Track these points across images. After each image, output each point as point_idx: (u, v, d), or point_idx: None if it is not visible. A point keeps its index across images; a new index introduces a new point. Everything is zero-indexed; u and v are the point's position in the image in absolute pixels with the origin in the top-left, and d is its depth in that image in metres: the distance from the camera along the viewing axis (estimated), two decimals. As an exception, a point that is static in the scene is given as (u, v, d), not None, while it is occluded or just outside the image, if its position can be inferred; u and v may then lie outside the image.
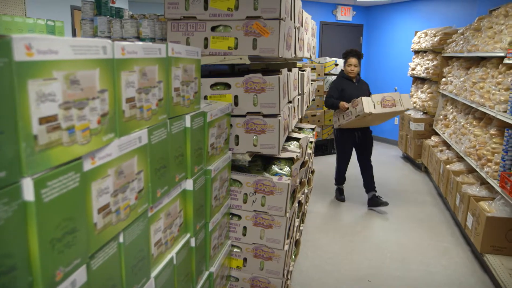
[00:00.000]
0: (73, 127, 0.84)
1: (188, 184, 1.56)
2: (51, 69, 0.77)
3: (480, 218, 3.28)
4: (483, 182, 3.90)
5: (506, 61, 3.37)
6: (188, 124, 1.51)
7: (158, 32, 2.42)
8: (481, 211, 3.28)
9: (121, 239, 1.09)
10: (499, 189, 3.23)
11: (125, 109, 1.06)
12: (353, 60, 4.43)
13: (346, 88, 4.48)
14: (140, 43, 1.14)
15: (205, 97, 2.09)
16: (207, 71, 2.77)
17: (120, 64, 1.02)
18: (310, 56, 3.78)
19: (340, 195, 4.87)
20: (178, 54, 1.40)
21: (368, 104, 3.95)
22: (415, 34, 7.10)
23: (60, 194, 0.81)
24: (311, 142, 3.60)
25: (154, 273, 1.30)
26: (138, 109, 1.14)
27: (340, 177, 4.83)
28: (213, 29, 2.09)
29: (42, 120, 0.75)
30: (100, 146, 0.95)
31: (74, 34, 6.32)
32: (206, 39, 2.09)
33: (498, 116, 3.40)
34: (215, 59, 2.06)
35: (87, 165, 0.91)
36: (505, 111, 3.36)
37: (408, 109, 4.11)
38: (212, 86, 2.08)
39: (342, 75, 4.64)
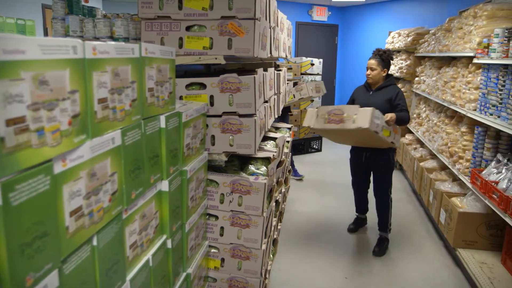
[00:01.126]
0: (42, 128, 0.82)
1: (164, 185, 1.55)
2: (18, 69, 0.75)
3: (453, 213, 3.37)
4: (455, 179, 4.00)
5: (475, 61, 3.47)
6: (163, 124, 1.49)
7: (132, 32, 2.39)
8: (453, 207, 3.37)
9: (94, 242, 1.07)
10: (470, 185, 3.33)
11: (97, 110, 1.04)
12: (370, 62, 3.48)
13: (357, 98, 3.60)
14: (113, 42, 1.12)
15: (181, 97, 2.07)
16: (183, 71, 2.75)
17: (91, 64, 1.00)
18: (286, 56, 3.79)
19: (350, 224, 4.06)
20: (152, 54, 1.39)
21: (311, 116, 3.19)
22: (389, 34, 7.23)
23: (29, 198, 0.80)
24: (287, 142, 3.62)
25: (129, 276, 1.29)
26: (111, 109, 1.12)
27: (355, 202, 4.03)
28: (188, 29, 2.07)
29: (9, 122, 0.73)
30: (71, 148, 0.93)
31: (46, 34, 6.18)
32: (181, 39, 2.08)
33: (469, 114, 3.50)
34: (190, 59, 2.05)
35: (58, 168, 0.89)
36: (475, 110, 3.46)
37: (361, 128, 2.88)
38: (187, 86, 2.07)
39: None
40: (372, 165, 3.58)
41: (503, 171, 2.90)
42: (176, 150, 1.65)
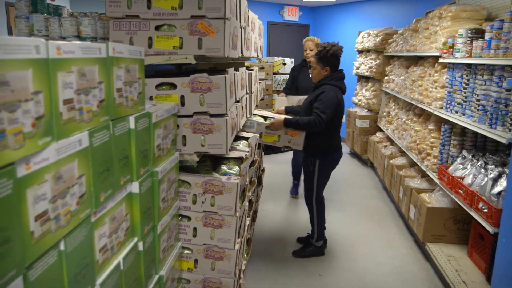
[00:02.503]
0: (4, 131, 0.80)
1: (134, 187, 1.52)
2: (-24, 70, 0.72)
3: (422, 209, 3.46)
4: (424, 175, 4.11)
5: (441, 60, 3.58)
6: (132, 125, 1.47)
7: (100, 31, 2.34)
8: (422, 203, 3.46)
9: (62, 247, 1.05)
10: (437, 181, 3.43)
11: (62, 111, 1.02)
12: (311, 61, 3.62)
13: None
14: (78, 42, 1.10)
15: (151, 98, 2.04)
16: (153, 71, 2.72)
17: (55, 64, 0.97)
18: (258, 56, 3.80)
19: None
20: (120, 53, 1.37)
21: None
22: (359, 34, 7.35)
23: (-9, 203, 0.77)
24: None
25: (99, 280, 1.26)
26: (77, 111, 1.09)
27: None
28: (157, 28, 2.05)
29: (-32, 125, 0.71)
30: (35, 151, 0.91)
31: (10, 33, 5.97)
32: (150, 38, 2.05)
33: (435, 112, 3.60)
34: (160, 59, 2.03)
35: (21, 171, 0.86)
36: (441, 108, 3.56)
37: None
38: (157, 86, 2.04)
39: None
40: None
41: (468, 166, 3.00)
42: (147, 151, 1.63)
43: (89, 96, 1.15)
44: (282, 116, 3.14)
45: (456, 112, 3.21)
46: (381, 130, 6.21)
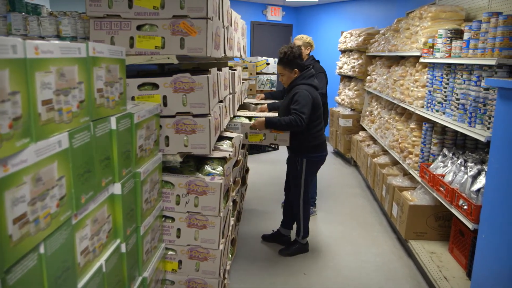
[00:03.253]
0: (-21, 132, 0.78)
1: (116, 188, 1.51)
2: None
3: (404, 207, 3.51)
4: (406, 173, 4.17)
5: (421, 60, 3.63)
6: (113, 126, 1.45)
7: (80, 31, 2.31)
8: (404, 200, 3.50)
9: (41, 250, 1.03)
10: (419, 179, 3.48)
11: (41, 112, 1.00)
12: (277, 68, 3.34)
13: None
14: (57, 42, 1.08)
15: (133, 98, 2.03)
16: (135, 71, 2.69)
17: (33, 64, 0.96)
18: (241, 56, 3.80)
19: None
20: (100, 53, 1.35)
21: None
22: (341, 34, 7.41)
23: (-34, 206, 0.75)
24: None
25: (81, 283, 1.25)
26: (56, 111, 1.08)
27: None
28: (139, 28, 2.03)
29: None
30: (13, 152, 0.89)
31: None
32: (131, 38, 2.03)
33: (417, 111, 3.66)
34: (142, 59, 2.01)
35: (-1, 173, 0.85)
36: (422, 107, 3.61)
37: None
38: (139, 86, 2.03)
39: None
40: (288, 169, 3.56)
41: (449, 164, 3.05)
42: (129, 152, 1.61)
43: (69, 97, 1.14)
44: (264, 116, 3.16)
45: (437, 111, 3.27)
46: (364, 129, 6.28)
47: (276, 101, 3.98)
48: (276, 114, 3.44)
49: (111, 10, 2.00)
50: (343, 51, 7.39)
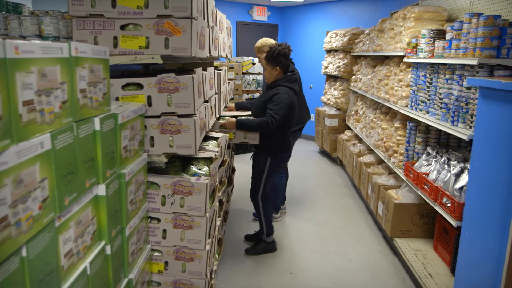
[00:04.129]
0: (-42, 134, 0.76)
1: (101, 190, 1.49)
2: None
3: (389, 205, 3.54)
4: (391, 172, 4.21)
5: (405, 60, 3.67)
6: (97, 127, 1.44)
7: (63, 30, 2.28)
8: (390, 199, 3.54)
9: (24, 253, 1.01)
10: (404, 178, 3.52)
11: (22, 113, 0.98)
12: (262, 62, 3.48)
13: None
14: (38, 41, 1.06)
15: (117, 98, 2.01)
16: (120, 71, 2.67)
17: (14, 64, 0.94)
18: (226, 56, 3.79)
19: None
20: (83, 53, 1.33)
21: None
22: (327, 34, 7.45)
23: None
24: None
25: (65, 286, 1.23)
26: (38, 112, 1.06)
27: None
28: (123, 27, 2.01)
29: None
30: (-7, 154, 0.88)
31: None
32: (115, 38, 2.01)
33: (401, 111, 3.70)
34: (126, 59, 1.99)
35: (-22, 175, 0.83)
36: (407, 106, 3.66)
37: None
38: (123, 86, 2.01)
39: None
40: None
41: (433, 163, 3.09)
42: (113, 153, 1.60)
43: (51, 97, 1.12)
44: (235, 117, 3.21)
45: (421, 110, 3.31)
46: (349, 129, 6.32)
47: (244, 100, 3.98)
48: (248, 112, 3.53)
49: (94, 9, 1.98)
50: (329, 51, 7.43)
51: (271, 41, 4.19)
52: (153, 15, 1.98)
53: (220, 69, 3.47)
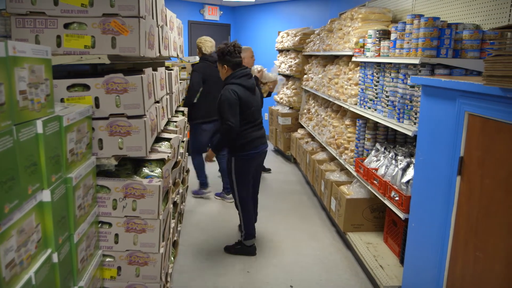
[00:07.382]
0: None
1: (45, 195, 1.43)
2: None
3: (341, 201, 3.64)
4: (343, 168, 4.32)
5: (354, 59, 3.78)
6: (40, 130, 1.37)
7: (1, 29, 2.16)
8: (342, 195, 3.64)
9: (-41, 266, 0.95)
10: (355, 174, 3.62)
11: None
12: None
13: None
14: (-30, 40, 1.00)
15: (62, 100, 1.93)
16: (66, 72, 2.57)
17: None
18: (178, 55, 3.74)
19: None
20: (22, 53, 1.27)
21: None
22: (278, 34, 7.54)
23: None
24: (183, 141, 3.59)
25: (7, 298, 1.17)
26: (-28, 116, 1.00)
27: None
28: (67, 26, 1.93)
29: None
30: None
31: None
32: (59, 37, 1.93)
33: (351, 109, 3.80)
34: (71, 59, 1.91)
35: None
36: (356, 104, 3.77)
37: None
38: (69, 87, 1.93)
39: None
40: None
41: (381, 158, 3.21)
42: (58, 157, 1.53)
43: (-13, 100, 1.06)
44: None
45: (369, 108, 3.42)
46: (302, 127, 6.43)
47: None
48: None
49: (35, 6, 1.89)
50: (281, 51, 7.52)
51: (205, 38, 4.98)
52: (98, 13, 1.91)
53: (172, 69, 3.42)
